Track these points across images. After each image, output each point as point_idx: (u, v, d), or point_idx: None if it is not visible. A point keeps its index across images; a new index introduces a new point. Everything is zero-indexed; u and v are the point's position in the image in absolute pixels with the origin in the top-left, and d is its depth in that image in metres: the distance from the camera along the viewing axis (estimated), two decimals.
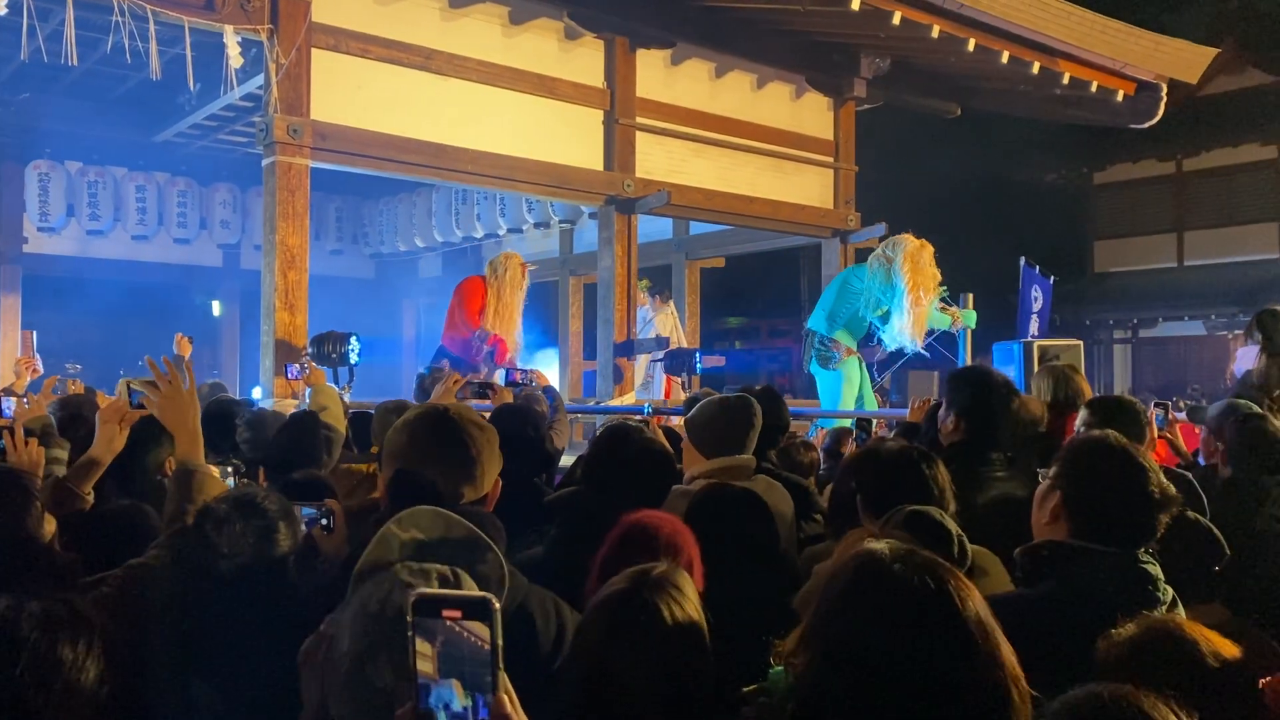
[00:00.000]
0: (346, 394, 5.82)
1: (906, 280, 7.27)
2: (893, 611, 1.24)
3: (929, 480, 2.42)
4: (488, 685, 1.02)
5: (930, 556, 1.30)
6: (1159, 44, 9.07)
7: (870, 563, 1.29)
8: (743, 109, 8.90)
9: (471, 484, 1.99)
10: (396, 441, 2.04)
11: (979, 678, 1.20)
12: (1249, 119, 18.86)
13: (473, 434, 2.01)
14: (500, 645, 1.02)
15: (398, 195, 12.00)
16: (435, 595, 1.05)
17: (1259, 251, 19.42)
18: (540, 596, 1.89)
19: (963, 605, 1.23)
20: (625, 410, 7.13)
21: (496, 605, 1.01)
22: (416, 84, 7.06)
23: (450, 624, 1.01)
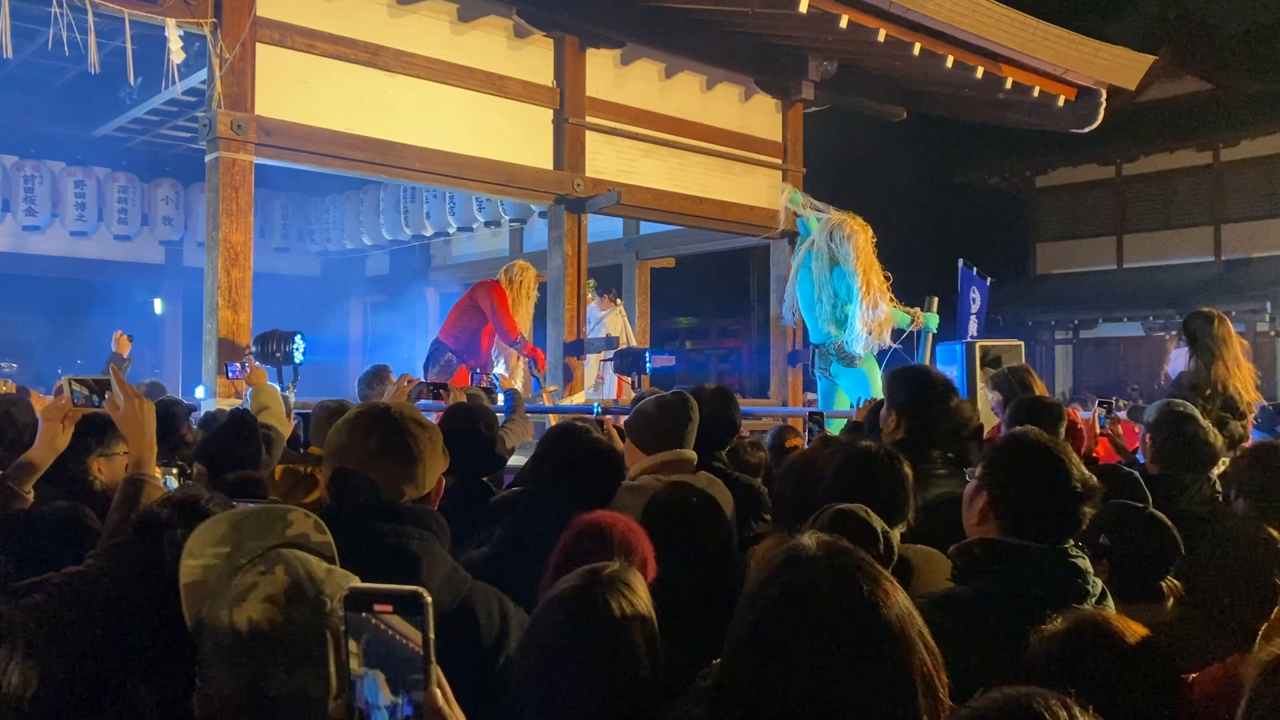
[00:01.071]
0: (291, 393, 5.75)
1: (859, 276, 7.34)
2: (811, 607, 1.24)
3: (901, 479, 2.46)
4: (419, 681, 1.01)
5: (858, 554, 1.31)
6: (1099, 50, 9.26)
7: (795, 557, 1.30)
8: (692, 110, 8.94)
9: (413, 483, 1.97)
10: (336, 441, 2.02)
11: (888, 679, 1.20)
12: (1185, 125, 19.34)
13: (414, 433, 1.99)
14: (433, 639, 1.01)
15: (345, 192, 11.87)
16: (366, 590, 1.04)
17: (1195, 254, 19.92)
18: (483, 592, 1.90)
19: (882, 605, 1.23)
20: (575, 410, 7.13)
21: (428, 599, 1.01)
22: (364, 80, 7.00)
23: (379, 619, 1.01)
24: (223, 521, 1.36)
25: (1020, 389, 4.31)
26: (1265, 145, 19.12)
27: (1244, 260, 19.23)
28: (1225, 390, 4.83)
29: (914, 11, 7.66)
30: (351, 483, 1.92)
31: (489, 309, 7.48)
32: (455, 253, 12.76)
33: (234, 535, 1.33)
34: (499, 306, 7.43)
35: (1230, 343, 4.95)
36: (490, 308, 7.46)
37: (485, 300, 7.51)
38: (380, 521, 1.89)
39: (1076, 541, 2.07)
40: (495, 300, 7.46)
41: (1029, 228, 22.41)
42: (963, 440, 3.16)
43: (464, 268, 12.73)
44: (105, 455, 3.02)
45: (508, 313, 7.45)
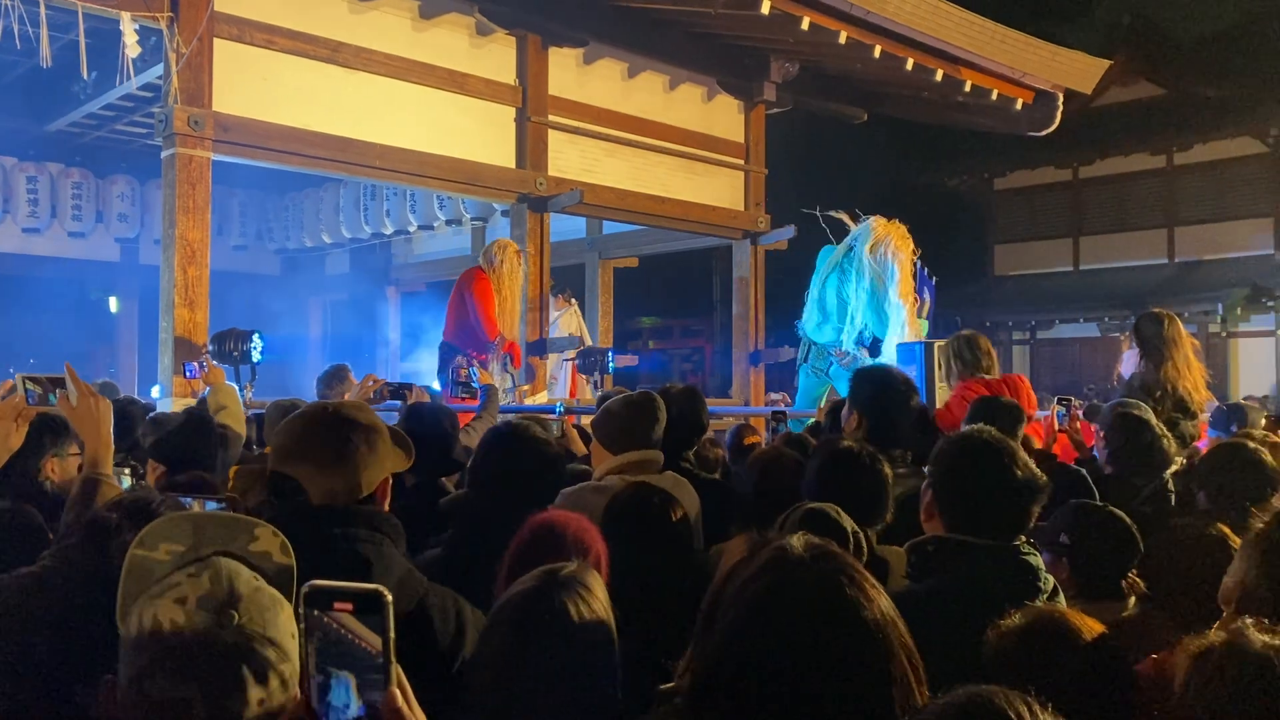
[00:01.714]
0: (249, 393, 5.68)
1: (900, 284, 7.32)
2: (794, 607, 1.24)
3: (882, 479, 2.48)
4: (376, 682, 1.00)
5: (843, 556, 1.31)
6: (1056, 55, 9.39)
7: (780, 557, 1.30)
8: (655, 110, 8.95)
9: (355, 483, 1.93)
10: (276, 441, 2.00)
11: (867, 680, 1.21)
12: (1140, 129, 19.66)
13: (355, 433, 1.96)
14: (393, 638, 1.00)
15: (304, 190, 11.75)
16: (326, 588, 1.02)
17: (1149, 257, 20.26)
18: (439, 594, 1.89)
19: (865, 607, 1.24)
20: (538, 409, 7.11)
21: (389, 598, 1.00)
22: (324, 77, 6.93)
23: (333, 618, 1.00)
24: (185, 521, 1.33)
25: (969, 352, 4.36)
26: (1217, 150, 19.49)
27: (1196, 262, 19.58)
28: (1175, 391, 4.91)
29: (875, 14, 7.72)
30: (291, 485, 1.90)
31: (469, 300, 7.16)
32: (416, 251, 12.68)
33: (193, 537, 1.30)
34: (480, 301, 7.07)
35: (1181, 343, 5.03)
36: (471, 302, 7.12)
37: (468, 291, 7.20)
38: (327, 525, 1.86)
39: (1028, 539, 2.09)
40: (476, 293, 7.09)
41: (987, 230, 22.68)
42: (923, 438, 3.19)
43: (425, 266, 12.66)
44: (59, 455, 2.97)
45: (489, 309, 7.07)
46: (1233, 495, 2.98)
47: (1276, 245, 19.08)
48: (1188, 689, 1.22)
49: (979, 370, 4.38)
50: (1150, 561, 2.54)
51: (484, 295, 7.09)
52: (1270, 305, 18.34)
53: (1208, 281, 18.65)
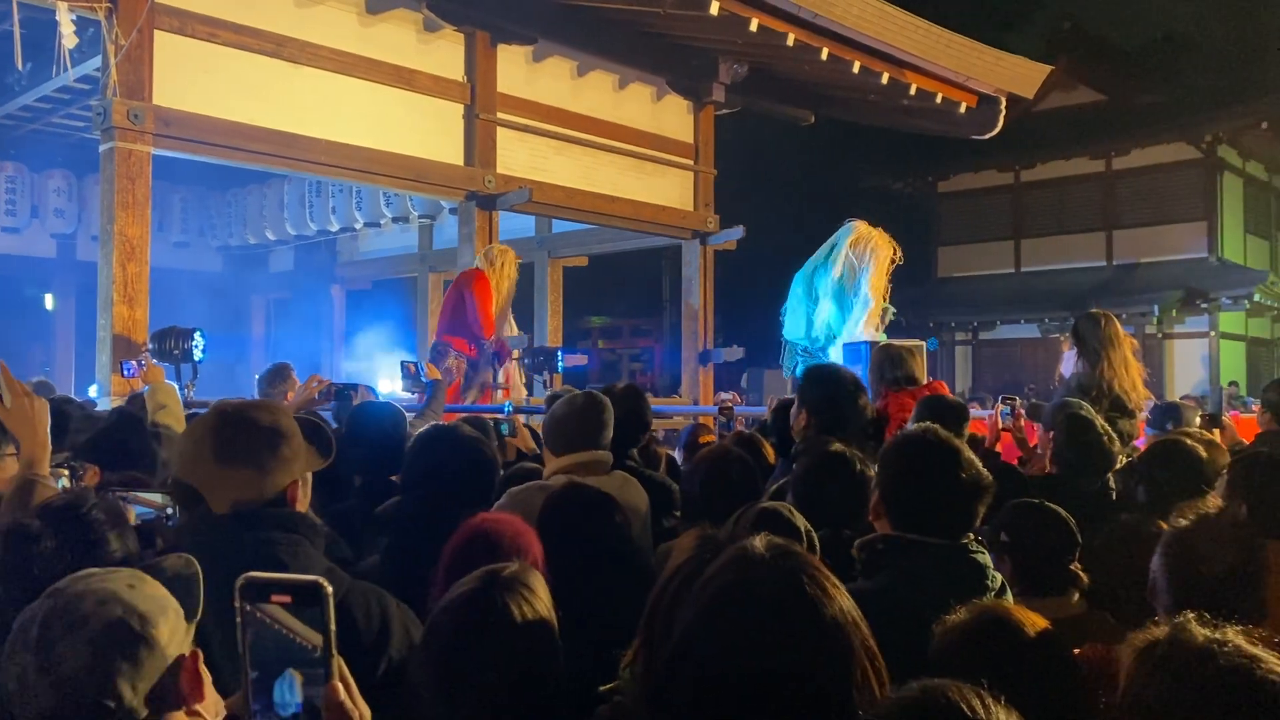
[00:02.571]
0: (190, 392, 5.58)
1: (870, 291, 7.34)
2: (755, 605, 1.24)
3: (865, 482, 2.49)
4: (319, 675, 0.99)
5: (803, 555, 1.31)
6: (999, 59, 9.55)
7: (741, 555, 1.30)
8: (605, 109, 8.94)
9: (262, 486, 1.87)
10: (181, 446, 1.93)
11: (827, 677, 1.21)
12: (1079, 134, 20.06)
13: (257, 433, 1.89)
14: (334, 630, 0.99)
15: (247, 186, 11.55)
16: (264, 579, 1.00)
17: (1088, 259, 20.68)
18: (361, 592, 1.86)
19: (824, 605, 1.24)
20: (485, 410, 7.07)
21: (329, 589, 0.98)
22: (268, 71, 6.82)
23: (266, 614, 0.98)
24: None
25: (890, 367, 4.43)
26: (1154, 155, 19.95)
27: (1133, 265, 20.03)
28: (1112, 390, 5.00)
29: (822, 17, 7.79)
30: (194, 493, 1.84)
31: (469, 299, 7.22)
32: (362, 249, 12.54)
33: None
34: (480, 300, 7.16)
35: (1119, 344, 5.12)
36: (471, 300, 7.19)
37: (468, 290, 7.26)
38: (237, 530, 1.81)
39: (977, 536, 2.12)
40: (477, 292, 7.18)
41: (931, 232, 22.99)
42: (870, 437, 3.23)
43: (371, 264, 12.53)
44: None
45: (488, 310, 7.19)
46: (1169, 490, 3.05)
47: (1210, 249, 19.59)
48: (1132, 683, 1.24)
49: (901, 385, 4.44)
50: (1092, 558, 2.58)
51: (484, 294, 7.18)
52: (1204, 307, 18.83)
53: (1144, 284, 19.09)
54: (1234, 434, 4.76)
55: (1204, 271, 19.13)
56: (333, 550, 2.03)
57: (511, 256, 7.53)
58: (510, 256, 7.51)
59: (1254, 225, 21.32)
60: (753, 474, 3.06)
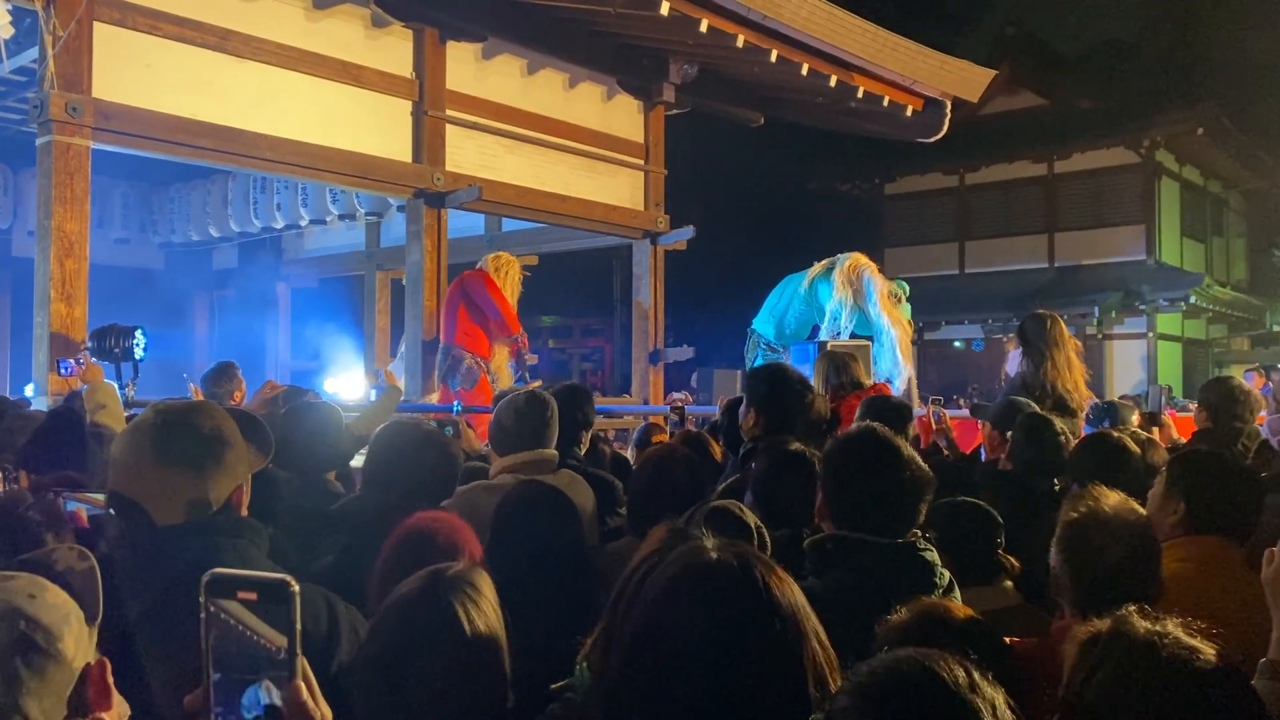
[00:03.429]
0: (130, 391, 5.47)
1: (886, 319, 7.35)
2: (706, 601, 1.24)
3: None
4: (283, 676, 0.98)
5: (753, 551, 1.32)
6: (944, 63, 9.68)
7: (691, 553, 1.31)
8: (555, 107, 8.92)
9: (207, 492, 1.82)
10: (117, 455, 1.85)
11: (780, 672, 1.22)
12: (1022, 138, 20.40)
13: (199, 439, 1.84)
14: (299, 629, 0.98)
15: (190, 182, 11.35)
16: (230, 576, 0.99)
17: (1030, 261, 21.05)
18: (309, 593, 1.83)
19: (777, 599, 1.25)
20: (435, 409, 7.02)
21: (295, 588, 0.97)
22: (212, 65, 6.71)
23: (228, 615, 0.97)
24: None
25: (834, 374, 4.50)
26: (1094, 159, 20.36)
27: (1075, 267, 20.43)
28: (1055, 389, 5.11)
29: (772, 19, 7.84)
30: (134, 504, 1.77)
31: (486, 302, 7.34)
32: (308, 246, 12.39)
33: None
34: (498, 301, 7.32)
35: (1062, 344, 5.23)
36: (488, 301, 7.33)
37: (481, 294, 7.37)
38: (180, 543, 1.76)
39: (924, 534, 2.14)
40: (491, 292, 7.34)
41: (878, 233, 23.24)
42: (819, 435, 3.25)
43: (317, 262, 12.38)
44: None
45: (508, 306, 7.36)
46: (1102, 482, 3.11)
47: (1148, 251, 20.03)
48: (1076, 675, 1.27)
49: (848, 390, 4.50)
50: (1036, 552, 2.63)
51: (499, 294, 7.36)
52: (1142, 308, 19.25)
53: (1085, 285, 19.48)
54: (1172, 432, 4.88)
55: (1142, 274, 19.56)
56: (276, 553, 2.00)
57: (517, 266, 7.72)
58: (516, 267, 7.71)
59: (1190, 229, 21.86)
60: (699, 473, 3.08)
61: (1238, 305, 22.37)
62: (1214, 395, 4.15)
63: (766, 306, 7.94)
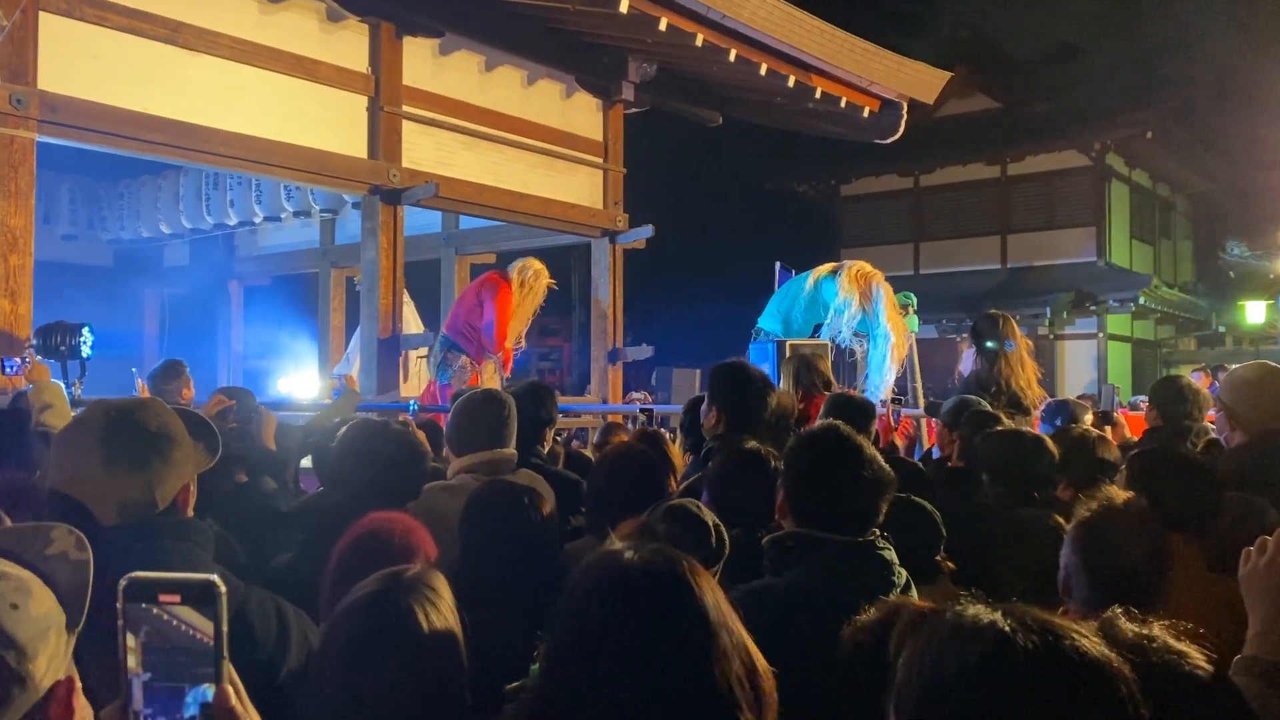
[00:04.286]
0: (78, 390, 5.36)
1: (889, 326, 7.35)
2: (624, 608, 1.23)
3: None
4: (209, 678, 0.94)
5: (672, 554, 1.30)
6: (901, 65, 9.76)
7: (609, 559, 1.30)
8: (513, 105, 8.87)
9: (146, 496, 1.76)
10: (59, 454, 1.79)
11: (702, 675, 1.21)
12: (976, 140, 20.67)
13: (147, 439, 1.78)
14: (225, 632, 0.94)
15: (140, 177, 11.13)
16: (150, 579, 0.94)
17: (984, 262, 21.33)
18: (259, 599, 1.79)
19: (695, 602, 1.23)
20: (391, 407, 6.95)
21: (222, 588, 0.93)
22: (162, 58, 6.58)
23: (164, 610, 0.93)
24: None
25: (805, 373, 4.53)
26: (1046, 161, 20.68)
27: (1027, 268, 20.73)
28: (1009, 388, 5.18)
29: (730, 18, 7.85)
30: (77, 505, 1.72)
31: (488, 309, 7.29)
32: (262, 243, 12.21)
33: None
34: (499, 311, 7.26)
35: (1014, 342, 5.31)
36: (490, 309, 7.28)
37: (489, 300, 7.33)
38: (126, 544, 1.70)
39: (882, 533, 2.15)
40: (497, 303, 7.29)
41: (834, 234, 23.44)
42: (781, 434, 3.26)
43: (271, 259, 12.21)
44: None
45: (505, 321, 7.29)
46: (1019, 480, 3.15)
47: (1098, 253, 20.39)
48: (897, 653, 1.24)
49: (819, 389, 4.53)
50: (993, 550, 2.65)
51: (504, 306, 7.30)
52: (1093, 309, 19.59)
53: (1037, 286, 19.78)
54: (1125, 431, 4.96)
55: (1093, 275, 19.89)
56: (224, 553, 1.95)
57: (544, 279, 7.71)
58: (544, 279, 7.70)
59: (1139, 231, 22.28)
60: (658, 472, 3.06)
61: (1185, 306, 22.84)
62: (1164, 394, 4.21)
63: (772, 305, 7.95)
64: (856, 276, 7.46)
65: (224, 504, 2.89)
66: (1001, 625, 0.91)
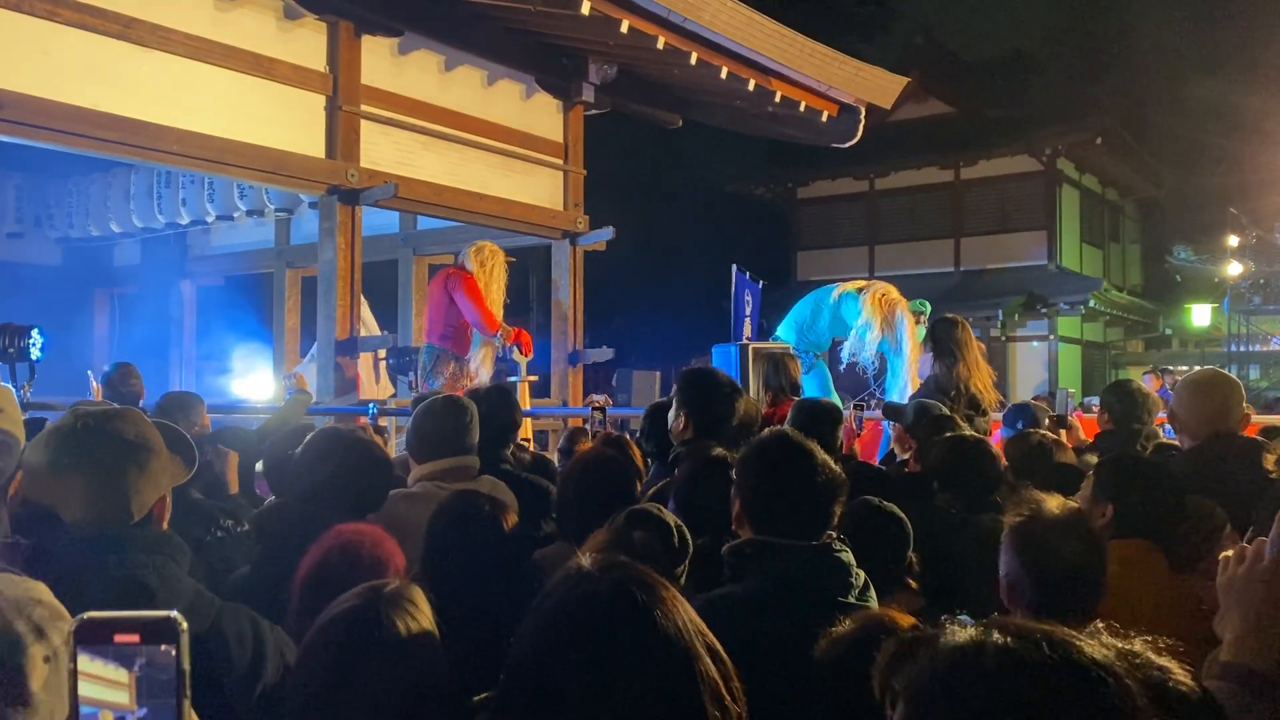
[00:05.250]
0: (26, 392, 5.25)
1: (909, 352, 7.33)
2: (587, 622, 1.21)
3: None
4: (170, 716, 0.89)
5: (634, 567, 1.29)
6: (859, 70, 9.84)
7: (571, 572, 1.28)
8: (473, 105, 8.81)
9: (128, 504, 1.74)
10: (32, 462, 1.75)
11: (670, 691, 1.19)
12: (931, 144, 20.90)
13: (123, 447, 1.75)
14: (187, 670, 0.88)
15: (90, 175, 10.90)
16: (103, 619, 0.87)
17: (937, 265, 21.56)
18: (234, 614, 1.76)
19: (660, 615, 1.21)
20: (349, 410, 6.88)
21: (184, 625, 0.88)
22: (115, 54, 6.45)
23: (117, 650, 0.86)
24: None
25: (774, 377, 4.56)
26: (998, 166, 20.96)
27: (979, 271, 20.99)
28: (968, 390, 5.23)
29: (692, 21, 7.87)
30: (50, 514, 1.69)
31: (464, 305, 7.16)
32: (215, 243, 12.03)
33: None
34: (473, 301, 7.12)
35: (970, 346, 5.36)
36: (463, 299, 7.14)
37: (456, 292, 7.19)
38: (99, 554, 1.68)
39: (839, 536, 2.16)
40: (466, 290, 7.14)
41: (791, 236, 23.58)
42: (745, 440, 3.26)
43: (224, 259, 12.03)
44: None
45: (482, 303, 7.16)
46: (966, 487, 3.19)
47: (1049, 256, 20.70)
48: None
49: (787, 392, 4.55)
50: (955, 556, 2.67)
51: (475, 294, 7.17)
52: (1044, 312, 19.89)
53: (989, 289, 20.04)
54: (1080, 434, 5.03)
55: (1044, 278, 20.20)
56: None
57: (502, 258, 7.56)
58: (501, 258, 7.54)
59: (1089, 235, 22.66)
60: (628, 477, 3.06)
61: (1133, 309, 23.28)
62: (1115, 398, 4.28)
63: (791, 317, 7.95)
64: (881, 301, 7.46)
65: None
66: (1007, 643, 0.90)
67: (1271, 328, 21.24)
